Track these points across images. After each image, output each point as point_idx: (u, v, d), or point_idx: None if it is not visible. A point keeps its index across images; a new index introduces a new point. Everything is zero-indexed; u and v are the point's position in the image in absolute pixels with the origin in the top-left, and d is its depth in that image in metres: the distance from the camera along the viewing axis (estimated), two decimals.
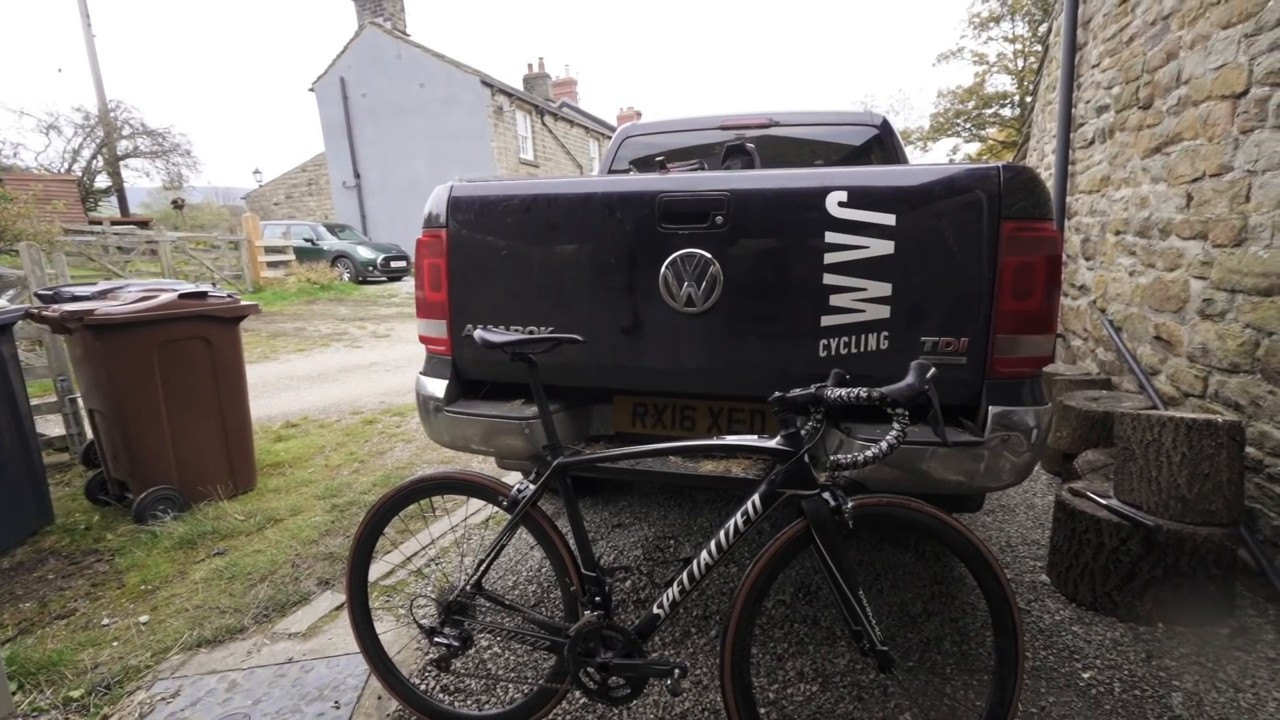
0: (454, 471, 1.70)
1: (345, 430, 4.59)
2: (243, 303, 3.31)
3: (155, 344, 2.96)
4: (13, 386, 2.86)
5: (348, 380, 6.32)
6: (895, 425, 1.29)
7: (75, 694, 1.90)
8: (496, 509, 2.35)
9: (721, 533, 1.46)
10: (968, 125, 25.76)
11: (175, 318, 3.01)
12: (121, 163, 22.23)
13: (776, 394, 1.39)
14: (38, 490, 2.99)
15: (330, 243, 16.67)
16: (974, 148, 26.10)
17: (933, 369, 1.29)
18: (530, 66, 26.99)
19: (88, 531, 2.98)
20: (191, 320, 3.07)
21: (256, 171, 27.71)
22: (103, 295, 3.22)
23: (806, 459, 1.41)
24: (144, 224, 16.07)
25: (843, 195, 1.66)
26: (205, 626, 2.22)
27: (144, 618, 2.31)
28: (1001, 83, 24.07)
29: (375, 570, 2.56)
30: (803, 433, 1.42)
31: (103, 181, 22.32)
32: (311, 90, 21.45)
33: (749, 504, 1.44)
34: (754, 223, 1.74)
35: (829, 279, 1.68)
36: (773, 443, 1.43)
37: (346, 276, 15.75)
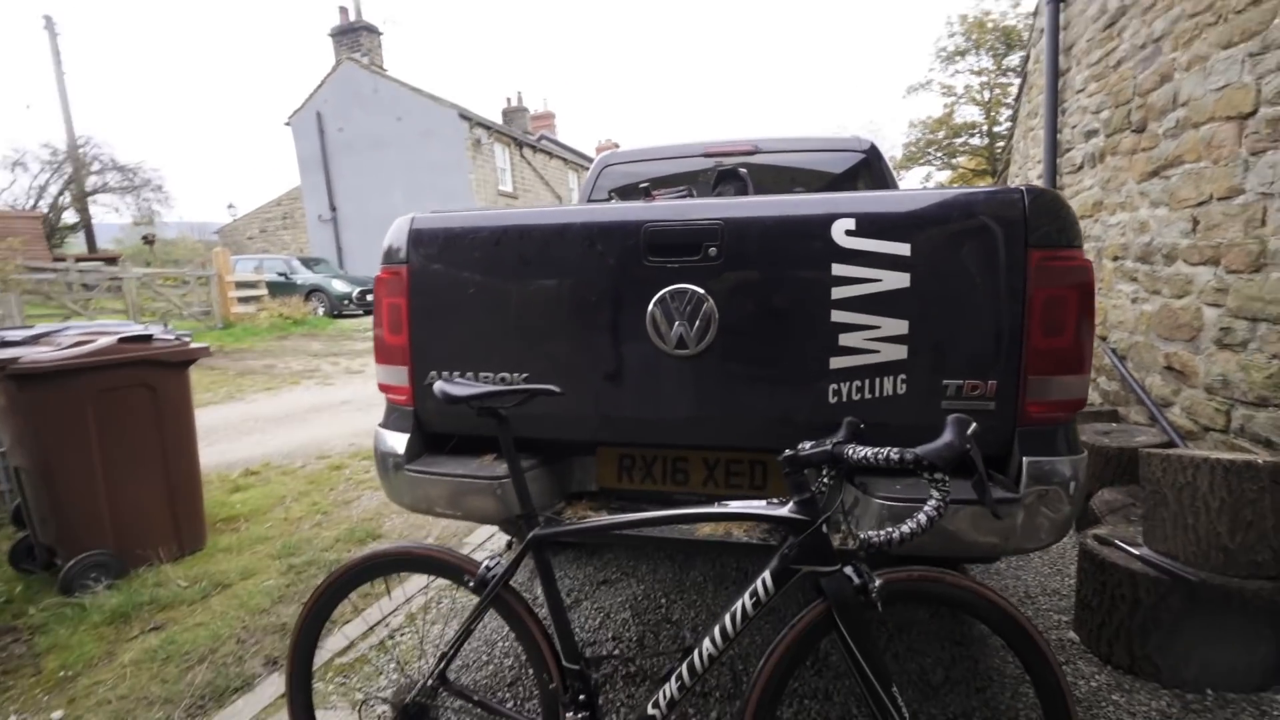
0: (412, 546, 1.46)
1: (310, 477, 4.28)
2: (193, 345, 3.04)
3: (90, 394, 2.68)
4: None
5: (317, 421, 6.00)
6: (934, 493, 1.08)
7: None
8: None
9: (727, 617, 1.24)
10: (939, 154, 26.41)
11: (113, 364, 2.73)
12: (90, 198, 21.81)
13: (787, 452, 1.19)
14: None
15: (304, 276, 16.35)
16: (945, 175, 26.74)
17: (974, 424, 1.09)
18: (509, 100, 27.19)
19: (8, 605, 2.64)
20: (132, 366, 2.80)
21: (231, 206, 27.36)
22: (36, 340, 2.94)
23: (825, 529, 1.20)
24: (111, 260, 15.60)
25: (850, 223, 1.49)
26: None
27: (58, 714, 2.00)
28: (970, 113, 24.81)
29: (332, 644, 2.27)
30: (818, 497, 1.21)
31: (70, 218, 21.84)
32: (288, 124, 21.31)
33: (758, 584, 1.22)
34: (752, 254, 1.56)
35: (838, 316, 1.50)
36: (784, 510, 1.22)
37: (321, 311, 15.40)
